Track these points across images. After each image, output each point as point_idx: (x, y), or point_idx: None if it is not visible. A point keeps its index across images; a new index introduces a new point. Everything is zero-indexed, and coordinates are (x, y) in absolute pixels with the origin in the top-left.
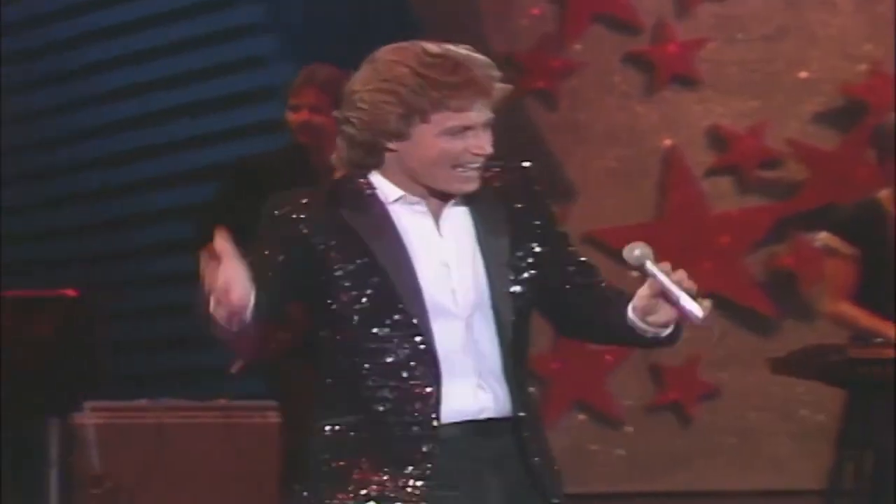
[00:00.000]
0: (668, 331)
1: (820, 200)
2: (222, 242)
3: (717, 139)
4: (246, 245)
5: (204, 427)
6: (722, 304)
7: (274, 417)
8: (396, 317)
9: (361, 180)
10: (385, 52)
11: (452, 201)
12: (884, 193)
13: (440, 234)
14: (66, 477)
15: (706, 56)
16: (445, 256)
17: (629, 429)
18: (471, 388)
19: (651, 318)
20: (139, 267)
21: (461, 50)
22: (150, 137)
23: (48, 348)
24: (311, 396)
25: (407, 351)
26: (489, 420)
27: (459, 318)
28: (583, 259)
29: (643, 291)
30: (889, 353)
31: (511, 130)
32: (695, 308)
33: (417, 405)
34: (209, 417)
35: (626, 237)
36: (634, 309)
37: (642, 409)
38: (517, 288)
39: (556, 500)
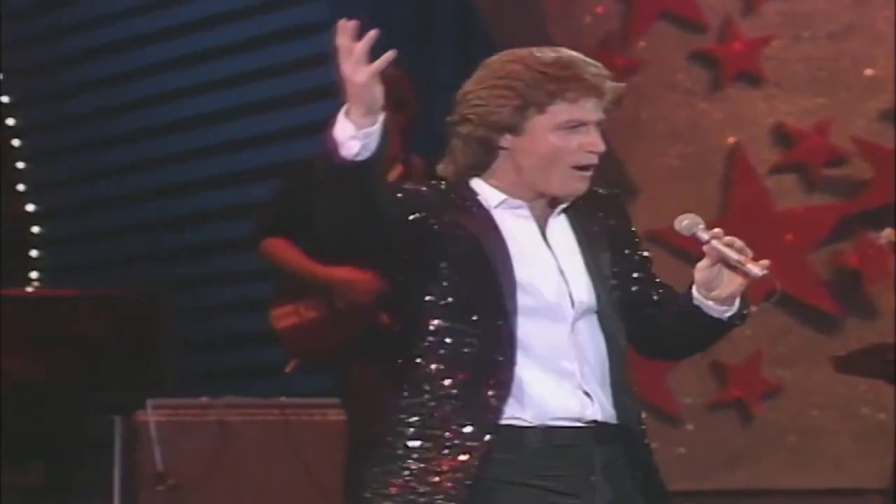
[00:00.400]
0: (733, 309)
1: (885, 199)
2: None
3: (782, 137)
4: (305, 240)
5: (264, 424)
6: (785, 302)
7: (333, 415)
8: (488, 308)
9: (464, 188)
10: (498, 56)
11: (556, 210)
12: None
13: (546, 239)
14: (130, 474)
15: (771, 54)
16: (557, 260)
17: (689, 427)
18: (572, 391)
19: (714, 293)
20: (200, 265)
21: (574, 53)
22: (212, 136)
23: (114, 347)
24: (373, 394)
25: (489, 343)
26: (595, 424)
27: (566, 321)
28: (661, 281)
29: (702, 264)
30: None
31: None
32: (754, 266)
33: (486, 396)
34: (269, 415)
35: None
36: (697, 287)
37: (703, 406)
38: (621, 293)
39: None
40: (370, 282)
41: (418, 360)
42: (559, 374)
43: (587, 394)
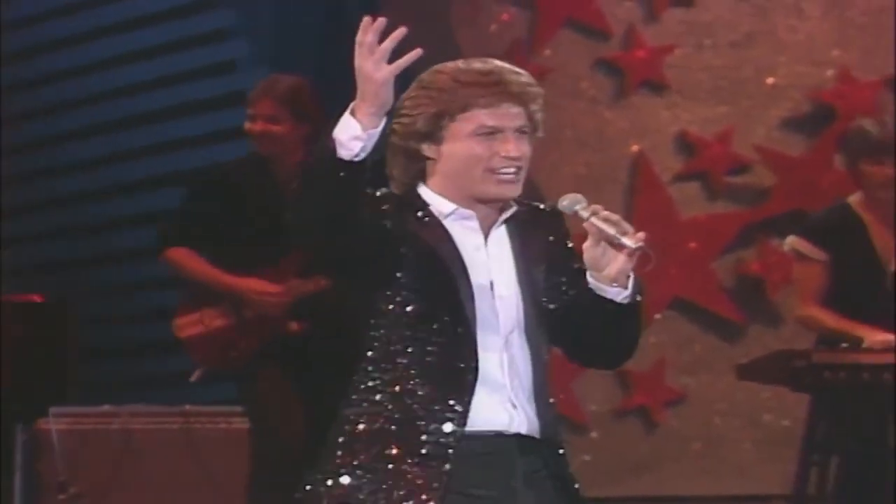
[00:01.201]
0: (628, 290)
1: (787, 206)
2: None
3: (686, 145)
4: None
5: (168, 433)
6: (689, 310)
7: (238, 423)
8: (447, 319)
9: (415, 197)
10: (434, 67)
11: (499, 221)
12: (854, 198)
13: (487, 252)
14: (31, 483)
15: (674, 62)
16: (492, 275)
17: (594, 434)
18: (502, 404)
19: (603, 274)
20: (104, 273)
21: (504, 64)
22: (120, 143)
23: (15, 354)
24: (279, 402)
25: (449, 355)
26: (519, 436)
27: (499, 335)
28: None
29: (586, 244)
30: (852, 357)
31: None
32: (628, 239)
33: (450, 408)
34: (173, 423)
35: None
36: (589, 271)
37: (608, 414)
38: (551, 307)
39: None
40: (280, 293)
41: (370, 368)
42: (492, 387)
43: (514, 406)
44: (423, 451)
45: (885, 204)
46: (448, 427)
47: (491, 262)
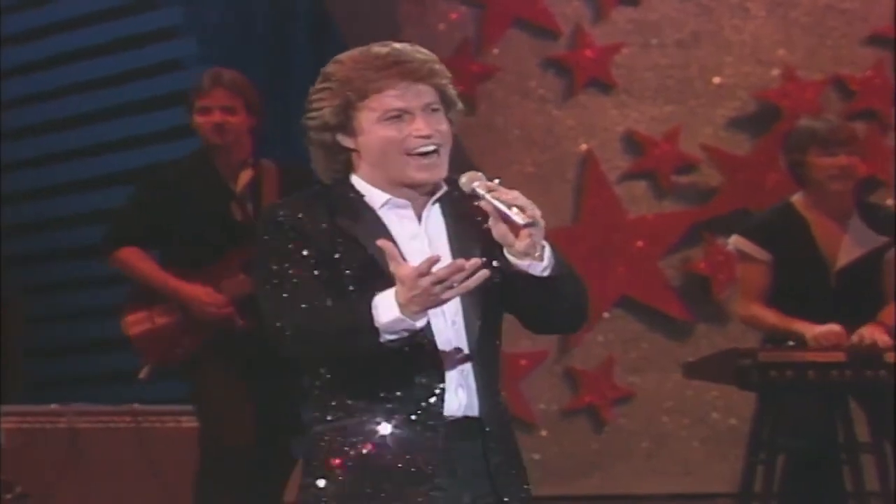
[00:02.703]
0: (544, 261)
1: (733, 205)
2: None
3: (633, 144)
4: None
5: (116, 432)
6: (636, 308)
7: (187, 422)
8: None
9: (347, 188)
10: (334, 57)
11: (431, 202)
12: (797, 198)
13: (426, 238)
14: None
15: (622, 61)
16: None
17: (544, 433)
18: (454, 386)
19: (513, 250)
20: (50, 270)
21: (405, 45)
22: (67, 141)
23: None
24: (226, 399)
25: (409, 350)
26: (464, 418)
27: (447, 317)
28: None
29: (490, 220)
30: (798, 356)
31: None
32: (517, 215)
33: (428, 400)
34: (121, 422)
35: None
36: (504, 248)
37: (556, 412)
38: (484, 293)
39: (508, 500)
40: (221, 301)
41: (322, 379)
42: (447, 371)
43: (462, 386)
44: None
45: (836, 197)
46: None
47: (429, 249)
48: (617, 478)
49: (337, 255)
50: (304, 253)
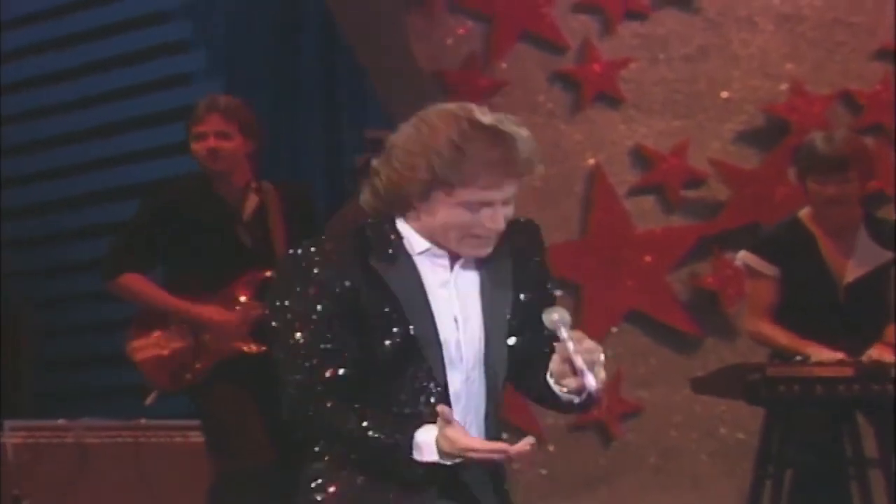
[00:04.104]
0: (581, 398)
1: (742, 220)
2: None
3: (641, 158)
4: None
5: (123, 447)
6: (645, 323)
7: (195, 437)
8: (416, 366)
9: (389, 229)
10: (434, 114)
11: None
12: (804, 212)
13: (456, 287)
14: None
15: (629, 76)
16: (456, 310)
17: (551, 447)
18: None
19: (563, 382)
20: (57, 284)
21: (509, 124)
22: (76, 155)
23: None
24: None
25: (423, 398)
26: (468, 470)
27: (462, 370)
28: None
29: (554, 356)
30: (806, 371)
31: None
32: (589, 378)
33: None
34: (128, 437)
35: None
36: (551, 373)
37: (564, 427)
38: (512, 342)
39: None
40: (238, 325)
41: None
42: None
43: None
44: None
45: (832, 220)
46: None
47: (458, 298)
48: (625, 492)
49: (364, 291)
50: (331, 310)
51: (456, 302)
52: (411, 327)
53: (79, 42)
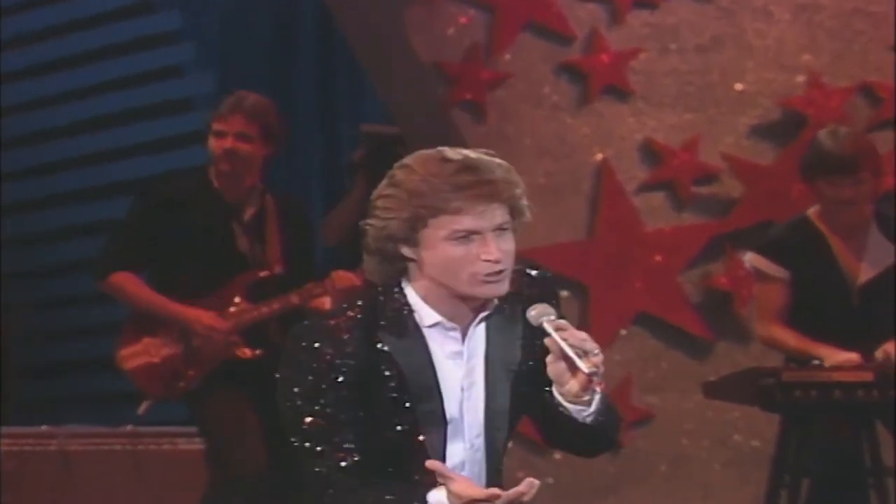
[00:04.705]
0: (591, 409)
1: (756, 217)
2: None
3: (651, 153)
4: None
5: (110, 454)
6: (654, 326)
7: (184, 444)
8: (416, 448)
9: (399, 299)
10: (407, 159)
11: (477, 321)
12: (814, 211)
13: (464, 357)
14: None
15: (639, 67)
16: (464, 380)
17: (557, 455)
18: None
19: (563, 389)
20: (42, 287)
21: (479, 154)
22: (62, 151)
23: None
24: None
25: (418, 477)
26: None
27: (466, 440)
28: None
29: (549, 358)
30: (824, 376)
31: (437, 143)
32: (583, 362)
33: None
34: (116, 444)
35: (556, 256)
36: (554, 385)
37: None
38: (513, 403)
39: None
40: (228, 327)
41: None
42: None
43: None
44: None
45: (843, 219)
46: None
47: (467, 366)
48: (634, 502)
49: (369, 371)
50: (337, 392)
51: (464, 370)
52: (417, 408)
53: (63, 33)
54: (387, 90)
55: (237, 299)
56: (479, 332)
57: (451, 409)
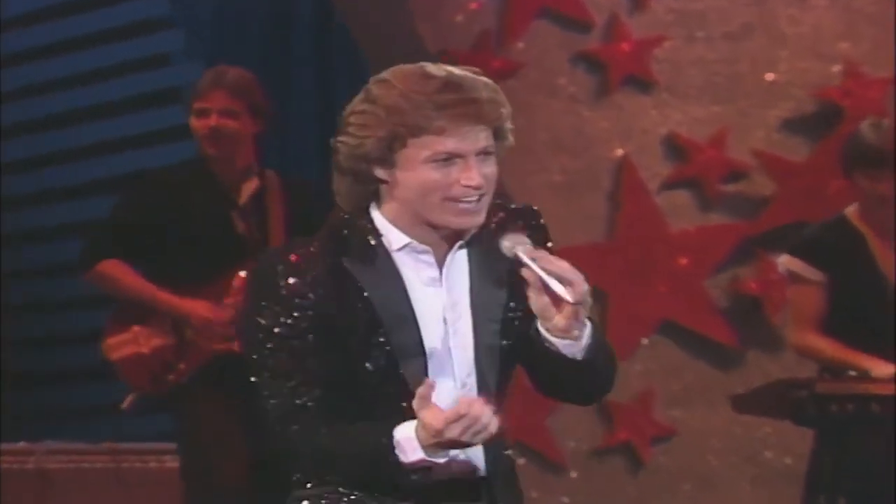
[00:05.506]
0: (580, 344)
1: (789, 217)
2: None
3: (675, 149)
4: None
5: (92, 473)
6: (679, 334)
7: (170, 462)
8: (396, 381)
9: (365, 224)
10: (385, 73)
11: (456, 248)
12: (852, 209)
13: (442, 286)
14: None
15: (663, 56)
16: (445, 312)
17: (574, 474)
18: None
19: (550, 324)
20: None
21: (464, 72)
22: (39, 146)
23: None
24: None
25: (402, 417)
26: (468, 478)
27: (454, 379)
28: None
29: (530, 290)
30: (861, 388)
31: None
32: (561, 290)
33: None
34: (97, 462)
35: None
36: (539, 321)
37: (588, 451)
38: (505, 343)
39: None
40: (225, 319)
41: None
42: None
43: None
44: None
45: (884, 219)
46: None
47: (446, 296)
48: None
49: (336, 304)
50: (303, 324)
51: (446, 301)
52: (391, 339)
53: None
54: None
55: (230, 292)
56: (458, 263)
57: (431, 340)
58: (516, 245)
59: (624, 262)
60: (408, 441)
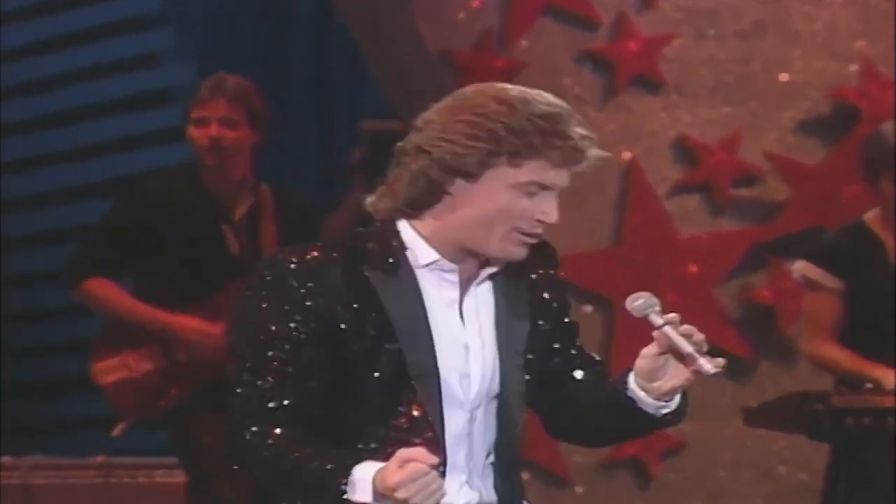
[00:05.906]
0: (671, 406)
1: (803, 223)
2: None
3: (685, 152)
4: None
5: (79, 489)
6: None
7: (161, 477)
8: (406, 403)
9: (392, 238)
10: (477, 87)
11: (481, 276)
12: (871, 215)
13: (463, 312)
14: None
15: (672, 55)
16: (467, 337)
17: (579, 489)
18: (458, 484)
19: (656, 384)
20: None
21: (563, 105)
22: (25, 148)
23: None
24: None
25: (414, 438)
26: None
27: (465, 408)
28: (589, 356)
29: (648, 350)
30: (878, 401)
31: None
32: (706, 363)
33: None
34: (85, 477)
35: (578, 266)
36: (637, 376)
37: (595, 466)
38: (528, 378)
39: None
40: (220, 335)
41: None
42: (450, 468)
43: (471, 487)
44: None
45: None
46: None
47: (468, 324)
48: None
49: (348, 314)
50: (305, 327)
51: (464, 327)
52: (405, 355)
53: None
54: (390, 81)
55: (223, 311)
56: (482, 290)
57: (445, 367)
58: (648, 307)
59: (631, 270)
60: (362, 482)
